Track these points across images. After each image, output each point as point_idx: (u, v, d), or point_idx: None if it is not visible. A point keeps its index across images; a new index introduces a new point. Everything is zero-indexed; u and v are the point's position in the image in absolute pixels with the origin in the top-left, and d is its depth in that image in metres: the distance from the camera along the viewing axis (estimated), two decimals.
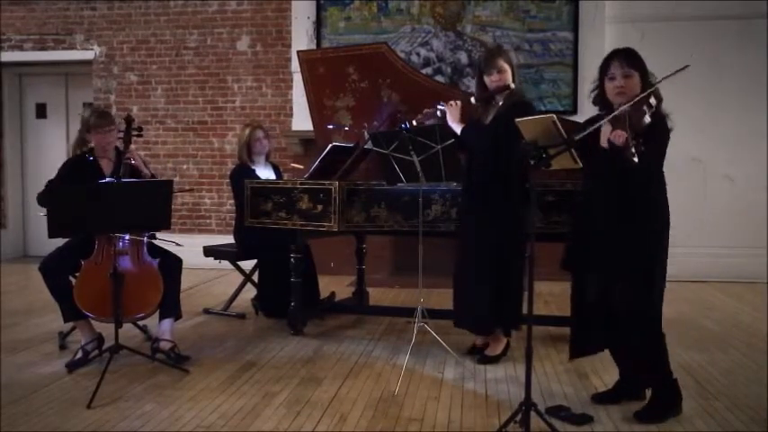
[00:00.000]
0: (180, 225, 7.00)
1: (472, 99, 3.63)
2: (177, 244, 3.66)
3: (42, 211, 3.16)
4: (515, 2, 6.35)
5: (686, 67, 2.64)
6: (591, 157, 2.80)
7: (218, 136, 7.10)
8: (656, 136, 2.69)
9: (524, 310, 3.15)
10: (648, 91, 2.67)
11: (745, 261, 6.19)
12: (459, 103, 3.65)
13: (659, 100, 2.75)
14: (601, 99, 2.89)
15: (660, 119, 2.73)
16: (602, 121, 2.75)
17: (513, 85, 3.53)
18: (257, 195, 4.27)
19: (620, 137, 2.57)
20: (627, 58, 2.80)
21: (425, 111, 3.76)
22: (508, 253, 3.53)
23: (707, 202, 6.13)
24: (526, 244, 3.53)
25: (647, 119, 2.62)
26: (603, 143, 2.76)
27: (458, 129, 3.58)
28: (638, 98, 2.65)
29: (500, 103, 3.57)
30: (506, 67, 3.53)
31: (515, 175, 3.50)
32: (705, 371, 3.52)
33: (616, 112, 2.67)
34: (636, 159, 2.52)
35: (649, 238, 2.78)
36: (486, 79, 3.56)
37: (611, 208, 2.80)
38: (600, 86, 2.88)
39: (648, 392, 2.97)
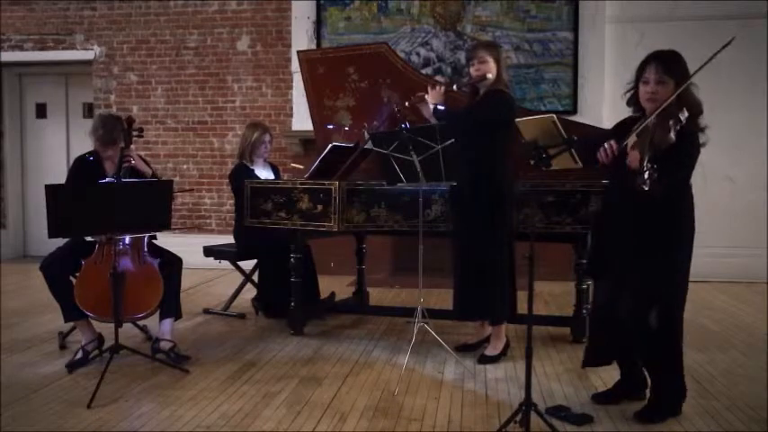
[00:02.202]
0: (180, 225, 7.00)
1: (454, 86, 3.66)
2: (174, 230, 3.65)
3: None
4: (515, 2, 6.35)
5: (731, 41, 2.55)
6: (616, 161, 2.76)
7: (218, 136, 7.10)
8: (679, 156, 2.60)
9: (523, 309, 3.16)
10: (669, 100, 2.61)
11: (745, 261, 6.19)
12: (441, 86, 3.70)
13: (695, 114, 2.67)
14: (635, 101, 2.83)
15: (689, 136, 2.62)
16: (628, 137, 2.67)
17: (490, 76, 3.55)
18: (257, 195, 4.27)
19: (634, 161, 2.53)
20: (664, 63, 2.69)
21: (418, 94, 3.78)
22: (482, 242, 3.56)
23: (707, 203, 6.11)
24: (508, 237, 3.56)
25: (672, 137, 2.53)
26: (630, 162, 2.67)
27: (431, 104, 3.64)
28: (661, 108, 2.59)
29: (482, 94, 3.63)
30: (488, 58, 3.56)
31: (494, 167, 3.53)
32: (705, 371, 3.52)
33: (642, 126, 2.60)
34: (646, 188, 2.45)
35: (669, 252, 2.73)
36: (471, 70, 3.61)
37: (632, 217, 2.76)
38: (634, 88, 2.81)
39: (648, 392, 2.97)
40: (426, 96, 3.68)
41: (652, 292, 2.74)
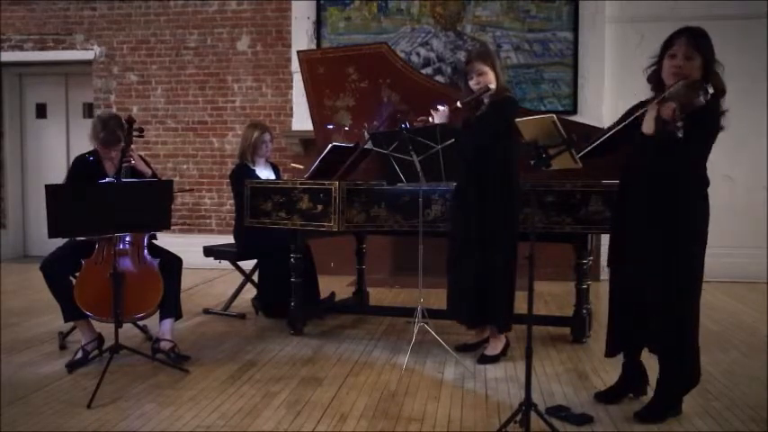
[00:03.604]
0: (180, 225, 7.01)
1: (458, 103, 3.63)
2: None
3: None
4: (515, 2, 6.35)
5: None
6: (630, 148, 2.78)
7: (218, 136, 7.10)
8: (704, 122, 2.59)
9: (524, 309, 3.16)
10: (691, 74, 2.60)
11: (745, 261, 6.19)
12: (446, 107, 3.65)
13: (720, 91, 2.66)
14: (656, 77, 2.79)
15: (714, 110, 2.62)
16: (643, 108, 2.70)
17: (492, 86, 3.52)
18: (257, 195, 4.27)
19: (668, 108, 2.50)
20: (694, 38, 2.67)
21: (420, 119, 3.77)
22: (495, 249, 3.53)
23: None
24: (517, 242, 3.55)
25: (701, 100, 2.53)
26: (646, 129, 2.67)
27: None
28: (690, 81, 2.58)
29: (485, 103, 3.59)
30: (485, 68, 3.52)
31: (503, 171, 3.52)
32: (705, 371, 3.48)
33: (665, 93, 2.59)
34: (680, 135, 2.45)
35: (683, 238, 2.75)
36: (470, 83, 3.58)
37: (647, 203, 2.76)
38: (658, 63, 2.78)
39: (650, 388, 2.97)
40: (429, 120, 3.66)
41: (669, 279, 2.75)
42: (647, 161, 2.77)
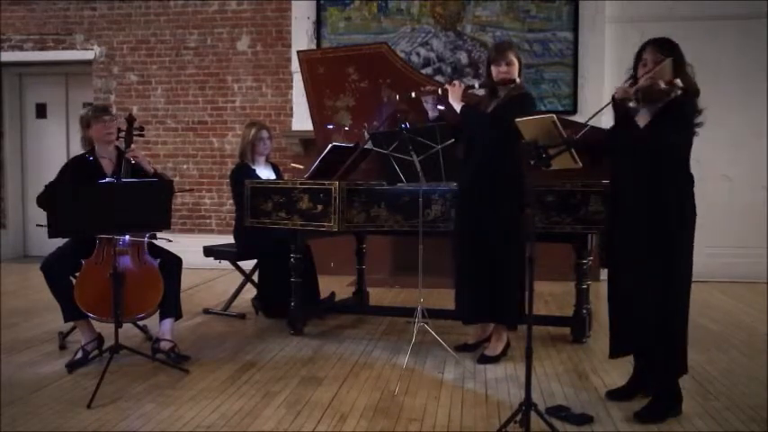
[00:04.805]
0: (180, 225, 7.00)
1: (476, 84, 3.64)
2: (168, 240, 3.68)
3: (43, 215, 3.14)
4: (515, 2, 6.35)
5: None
6: (616, 147, 2.87)
7: (218, 136, 7.10)
8: (675, 115, 2.71)
9: (524, 309, 3.17)
10: (663, 64, 2.74)
11: (745, 261, 6.19)
12: (461, 84, 3.67)
13: (692, 92, 2.77)
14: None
15: (684, 103, 2.74)
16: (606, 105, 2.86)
17: (518, 80, 3.55)
18: (257, 195, 4.27)
19: (619, 90, 2.77)
20: (660, 45, 2.83)
21: (427, 87, 3.76)
22: (503, 247, 3.52)
23: (706, 203, 6.10)
24: (524, 240, 3.54)
25: (661, 85, 2.68)
26: (618, 95, 2.85)
27: (458, 106, 3.60)
28: (656, 69, 2.73)
29: (502, 95, 3.59)
30: (515, 61, 3.55)
31: (514, 168, 3.52)
32: (705, 371, 3.51)
33: (635, 87, 2.76)
34: (632, 105, 2.74)
35: (676, 239, 2.77)
36: (494, 70, 3.57)
37: (637, 205, 2.81)
38: (633, 76, 2.91)
39: None
40: (449, 95, 3.65)
41: (668, 279, 2.77)
42: (633, 164, 2.83)
